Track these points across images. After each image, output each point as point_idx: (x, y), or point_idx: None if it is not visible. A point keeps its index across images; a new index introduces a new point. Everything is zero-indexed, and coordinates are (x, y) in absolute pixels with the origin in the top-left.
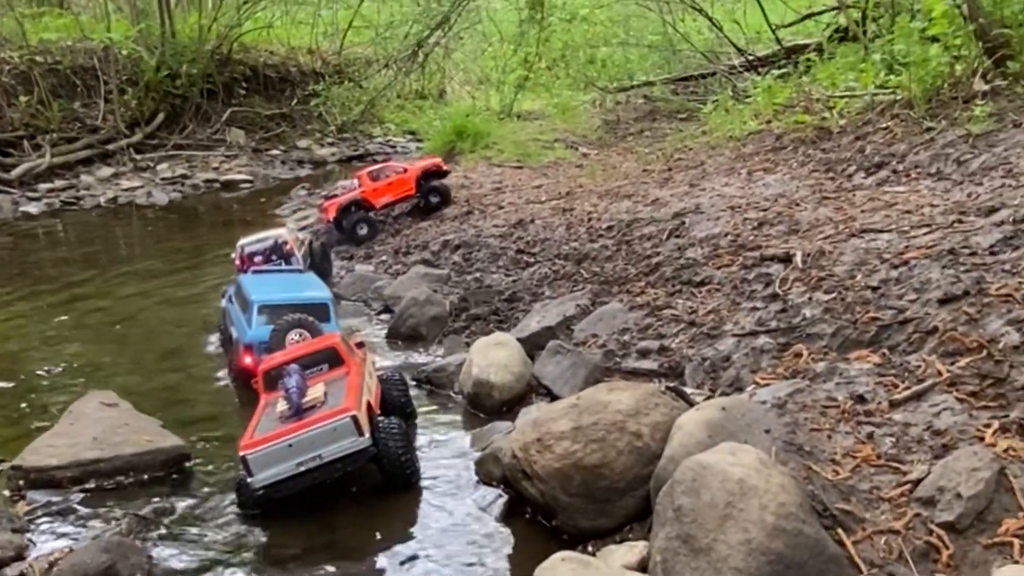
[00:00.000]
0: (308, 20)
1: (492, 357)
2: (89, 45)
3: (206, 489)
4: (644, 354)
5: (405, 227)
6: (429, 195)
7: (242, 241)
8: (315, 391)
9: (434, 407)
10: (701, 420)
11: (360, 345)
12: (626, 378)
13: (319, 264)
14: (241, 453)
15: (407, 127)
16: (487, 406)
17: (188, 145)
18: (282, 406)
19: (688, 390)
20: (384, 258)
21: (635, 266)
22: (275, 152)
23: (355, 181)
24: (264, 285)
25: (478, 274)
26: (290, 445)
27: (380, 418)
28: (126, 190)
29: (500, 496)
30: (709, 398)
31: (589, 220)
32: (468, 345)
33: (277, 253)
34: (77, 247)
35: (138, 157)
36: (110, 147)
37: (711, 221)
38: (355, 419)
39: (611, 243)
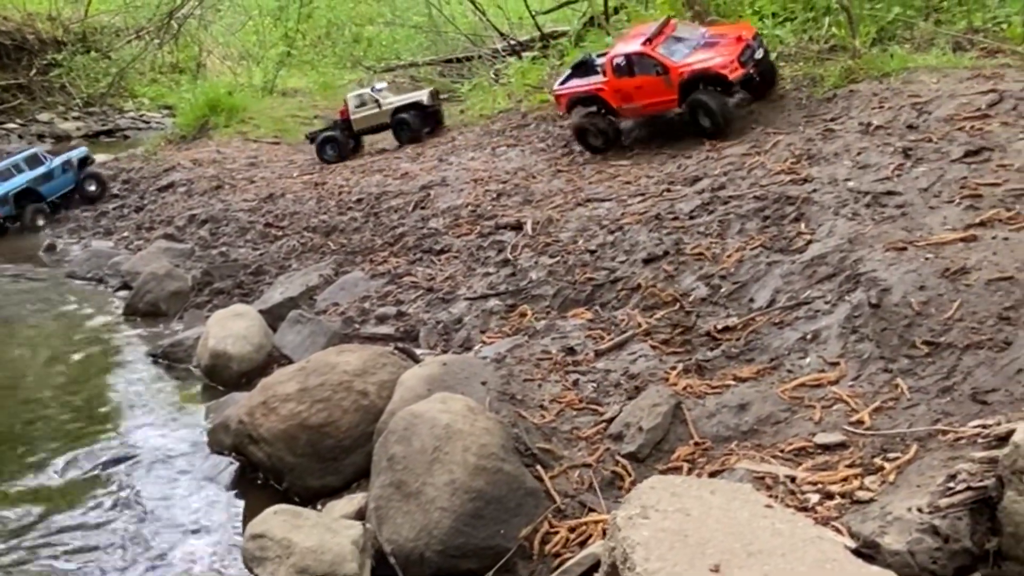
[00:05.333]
0: None
1: (230, 328)
2: None
3: None
4: (382, 320)
5: (149, 201)
6: (696, 110)
7: None
8: None
9: (170, 382)
10: (422, 375)
11: None
12: (364, 343)
13: None
14: None
15: (162, 101)
16: (225, 378)
17: None
18: None
19: (419, 351)
20: (125, 234)
21: (381, 237)
22: (11, 126)
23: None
24: None
25: (224, 248)
26: None
27: None
28: None
29: (231, 464)
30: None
31: (340, 194)
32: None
33: None
34: None
35: None
36: None
37: (455, 193)
38: None
39: (360, 215)
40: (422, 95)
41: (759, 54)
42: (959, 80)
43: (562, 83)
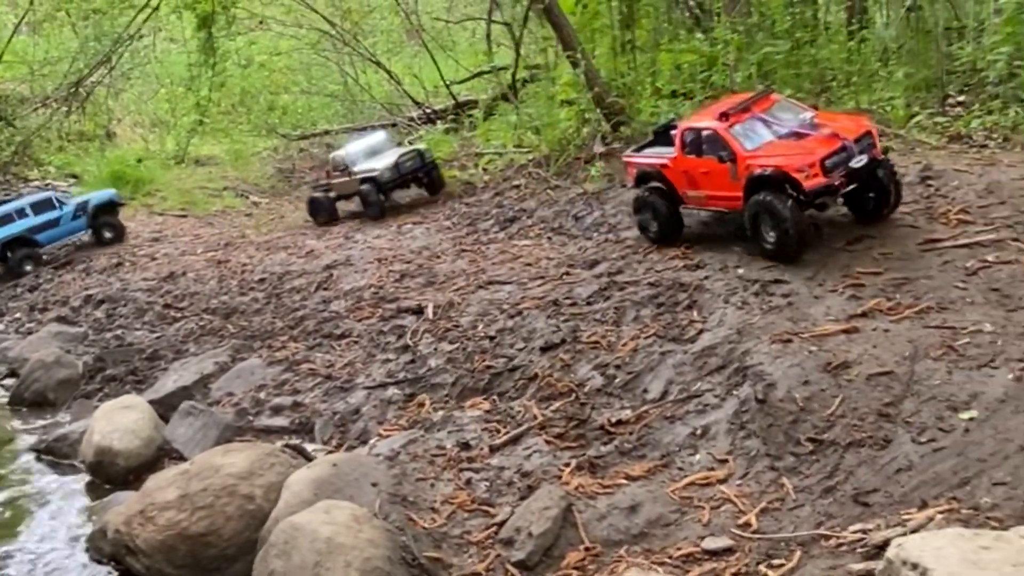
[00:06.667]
0: None
1: (117, 422)
2: None
3: None
4: (277, 411)
5: (44, 279)
6: (759, 217)
7: None
8: None
9: (52, 480)
10: (310, 478)
11: None
12: (258, 436)
13: None
14: None
15: (69, 170)
16: (112, 475)
17: None
18: None
19: (313, 446)
20: (18, 315)
21: (282, 319)
22: None
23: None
24: None
25: (120, 331)
26: None
27: None
28: None
29: (110, 573)
30: (332, 453)
31: (243, 272)
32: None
33: None
34: None
35: None
36: None
37: (358, 273)
38: None
39: (262, 296)
40: (378, 166)
41: (858, 162)
42: None
43: (637, 149)
